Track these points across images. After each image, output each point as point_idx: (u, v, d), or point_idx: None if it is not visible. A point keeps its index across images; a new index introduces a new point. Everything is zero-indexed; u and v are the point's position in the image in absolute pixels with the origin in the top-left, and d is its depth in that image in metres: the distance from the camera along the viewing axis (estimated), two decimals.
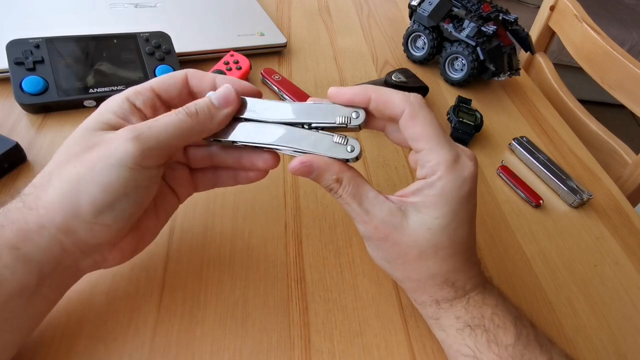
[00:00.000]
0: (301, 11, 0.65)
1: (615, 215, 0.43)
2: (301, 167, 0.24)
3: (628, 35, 1.75)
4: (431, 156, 0.23)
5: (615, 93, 0.60)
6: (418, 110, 0.24)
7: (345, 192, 0.24)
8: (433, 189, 0.23)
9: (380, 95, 0.24)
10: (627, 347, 0.32)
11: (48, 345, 0.25)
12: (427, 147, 0.24)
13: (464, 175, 0.23)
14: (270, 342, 0.27)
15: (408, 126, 0.24)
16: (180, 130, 0.23)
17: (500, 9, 0.56)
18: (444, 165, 0.23)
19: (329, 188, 0.25)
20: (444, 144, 0.24)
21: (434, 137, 0.23)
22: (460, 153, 0.24)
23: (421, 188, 0.24)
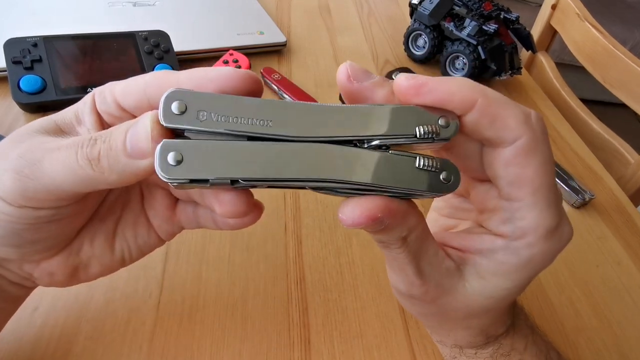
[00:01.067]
0: (301, 10, 0.65)
1: (617, 215, 0.42)
2: (367, 222, 0.15)
3: (630, 34, 1.74)
4: (530, 214, 0.16)
5: (617, 92, 0.60)
6: (541, 143, 0.16)
7: (406, 251, 0.17)
8: (515, 257, 0.17)
9: (490, 103, 0.15)
10: (630, 348, 0.31)
11: (45, 346, 0.25)
12: (529, 200, 0.16)
13: (559, 246, 0.17)
14: (269, 343, 0.27)
15: (515, 163, 0.16)
16: (77, 178, 0.16)
17: (501, 7, 0.55)
18: (542, 232, 0.16)
19: (385, 244, 0.17)
20: (552, 201, 0.16)
21: (545, 190, 0.16)
22: (564, 216, 0.17)
23: (495, 250, 0.17)
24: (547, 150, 0.16)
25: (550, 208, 0.16)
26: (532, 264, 0.17)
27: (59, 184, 0.16)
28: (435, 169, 0.15)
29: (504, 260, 0.17)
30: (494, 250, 0.17)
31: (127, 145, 0.15)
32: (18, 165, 0.16)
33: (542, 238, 0.16)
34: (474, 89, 0.16)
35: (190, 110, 0.14)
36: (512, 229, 0.17)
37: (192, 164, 0.14)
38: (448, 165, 0.16)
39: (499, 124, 0.15)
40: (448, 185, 0.15)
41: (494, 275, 0.17)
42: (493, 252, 0.17)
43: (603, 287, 0.35)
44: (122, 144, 0.15)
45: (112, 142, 0.16)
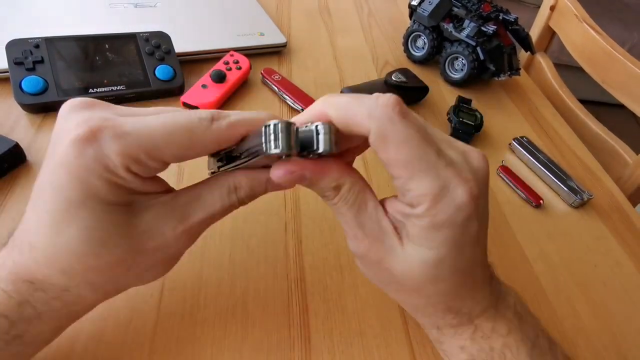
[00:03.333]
0: (301, 11, 0.65)
1: (616, 215, 0.43)
2: (286, 176, 0.19)
3: (628, 35, 1.75)
4: (412, 185, 0.18)
5: (615, 93, 0.60)
6: (388, 127, 0.18)
7: (342, 200, 0.20)
8: (421, 221, 0.19)
9: (340, 112, 0.18)
10: (628, 348, 0.31)
11: (47, 346, 0.25)
12: (404, 174, 0.18)
13: (455, 203, 0.18)
14: (270, 342, 0.27)
15: (377, 149, 0.18)
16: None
17: (500, 8, 0.56)
18: (429, 197, 0.18)
19: (322, 195, 0.21)
20: (426, 169, 0.18)
21: (416, 162, 0.18)
22: (450, 178, 0.19)
23: (408, 216, 0.19)
24: (401, 129, 0.18)
25: (427, 175, 0.18)
26: (440, 224, 0.19)
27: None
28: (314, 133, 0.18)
29: (416, 223, 0.19)
30: (408, 215, 0.20)
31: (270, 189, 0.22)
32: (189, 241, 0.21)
33: (434, 201, 0.18)
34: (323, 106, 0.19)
35: None
36: (409, 199, 0.19)
37: None
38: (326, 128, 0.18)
39: (352, 124, 0.18)
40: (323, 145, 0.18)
41: (417, 238, 0.19)
42: (408, 217, 0.20)
43: (602, 287, 0.35)
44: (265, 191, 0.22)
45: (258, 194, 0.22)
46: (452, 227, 0.19)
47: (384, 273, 0.21)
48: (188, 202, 0.20)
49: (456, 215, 0.19)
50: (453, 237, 0.19)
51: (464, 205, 0.19)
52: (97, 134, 0.18)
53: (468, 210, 0.19)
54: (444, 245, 0.19)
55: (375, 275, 0.22)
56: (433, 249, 0.19)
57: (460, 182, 0.19)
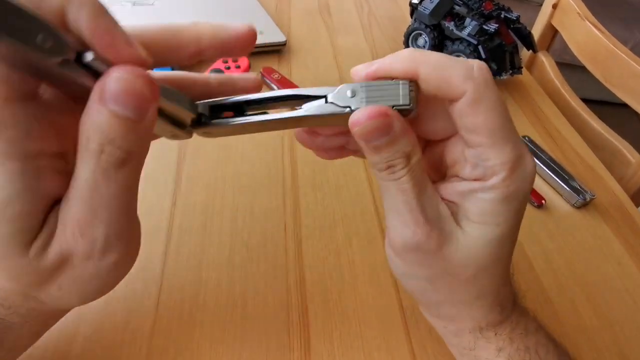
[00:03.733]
0: (301, 9, 0.65)
1: (618, 215, 0.42)
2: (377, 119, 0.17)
3: (631, 34, 1.74)
4: (492, 154, 0.18)
5: (618, 92, 0.60)
6: (484, 91, 0.17)
7: (410, 173, 0.18)
8: (493, 193, 0.18)
9: (433, 69, 0.17)
10: (630, 349, 0.31)
11: (44, 348, 0.24)
12: (489, 142, 0.18)
13: (526, 173, 0.18)
14: (269, 343, 0.27)
15: (467, 114, 0.17)
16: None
17: (502, 6, 0.55)
18: (508, 165, 0.18)
19: (389, 164, 0.18)
20: (510, 137, 0.18)
21: (499, 130, 0.18)
22: (524, 147, 0.19)
23: (475, 191, 0.19)
24: (493, 96, 0.17)
25: (508, 144, 0.18)
26: (511, 197, 0.18)
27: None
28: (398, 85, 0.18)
29: (486, 197, 0.18)
30: (473, 191, 0.19)
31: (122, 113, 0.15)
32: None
33: (509, 170, 0.18)
34: (414, 59, 0.18)
35: None
36: (483, 170, 0.18)
37: None
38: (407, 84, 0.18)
39: (444, 85, 0.17)
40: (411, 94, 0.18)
41: (481, 215, 0.19)
42: (474, 193, 0.19)
43: (604, 287, 0.35)
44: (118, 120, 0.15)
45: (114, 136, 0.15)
46: (520, 198, 0.19)
47: (437, 265, 0.20)
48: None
49: (525, 185, 0.19)
50: (518, 209, 0.19)
51: (532, 174, 0.19)
52: None
53: (533, 180, 0.19)
54: (510, 219, 0.19)
55: (425, 270, 0.20)
56: (500, 224, 0.19)
57: (528, 152, 0.19)
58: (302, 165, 0.39)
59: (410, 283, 0.22)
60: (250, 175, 0.37)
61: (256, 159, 0.39)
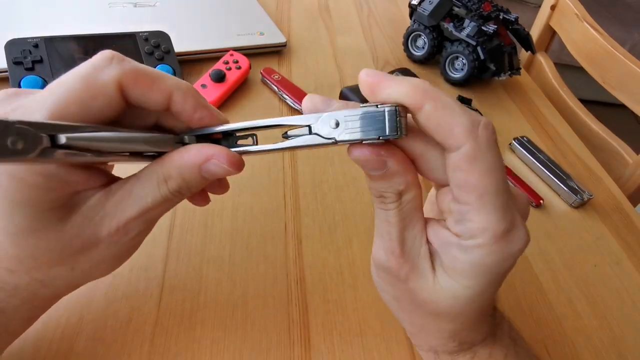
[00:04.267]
0: (301, 10, 0.65)
1: (616, 215, 0.43)
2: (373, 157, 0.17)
3: (629, 35, 1.74)
4: (477, 217, 0.17)
5: (616, 93, 0.60)
6: (484, 151, 0.16)
7: (398, 209, 0.19)
8: (467, 255, 0.18)
9: (439, 110, 0.16)
10: (628, 348, 0.31)
11: (47, 346, 0.25)
12: (476, 204, 0.17)
13: (512, 250, 0.17)
14: (270, 342, 0.27)
15: (460, 168, 0.17)
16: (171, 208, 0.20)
17: (500, 8, 0.56)
18: (490, 234, 0.17)
19: (381, 194, 0.19)
20: (500, 206, 0.17)
21: (491, 195, 0.17)
22: (516, 219, 0.18)
23: (450, 245, 0.18)
24: (493, 158, 0.17)
25: (497, 212, 0.17)
26: (487, 266, 0.18)
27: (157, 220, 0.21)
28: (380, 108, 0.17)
29: (458, 256, 0.18)
30: (449, 244, 0.18)
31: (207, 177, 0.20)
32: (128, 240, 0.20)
33: (492, 240, 0.17)
34: (424, 93, 0.16)
35: None
36: (463, 229, 0.18)
37: None
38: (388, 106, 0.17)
39: (445, 130, 0.16)
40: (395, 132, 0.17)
41: (454, 272, 0.18)
42: (449, 246, 0.18)
43: (602, 287, 0.35)
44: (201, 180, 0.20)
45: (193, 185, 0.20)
46: (497, 272, 0.18)
47: (403, 291, 0.20)
48: (119, 200, 0.19)
49: (507, 261, 0.18)
50: (494, 281, 0.18)
51: (518, 253, 0.18)
52: None
53: (517, 258, 0.18)
54: (481, 287, 0.18)
55: (394, 291, 0.21)
56: (469, 288, 0.18)
57: (522, 229, 0.18)
58: (302, 165, 0.40)
59: (382, 294, 0.23)
60: (250, 175, 0.37)
61: (256, 159, 0.39)
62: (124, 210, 0.19)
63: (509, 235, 0.17)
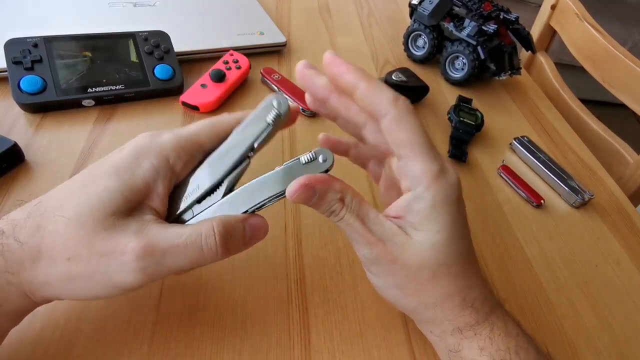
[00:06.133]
0: (301, 10, 0.65)
1: (617, 215, 0.42)
2: (302, 191, 0.22)
3: (629, 35, 1.74)
4: (415, 165, 0.22)
5: (616, 92, 0.60)
6: (405, 115, 0.22)
7: (348, 211, 0.22)
8: (422, 202, 0.22)
9: (370, 87, 0.22)
10: (629, 348, 0.31)
11: (46, 347, 0.25)
12: (411, 154, 0.22)
13: (450, 183, 0.22)
14: (270, 342, 0.27)
15: (392, 129, 0.22)
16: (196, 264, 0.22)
17: (501, 7, 0.56)
18: (429, 175, 0.22)
19: (330, 211, 0.23)
20: (429, 152, 0.22)
21: (419, 145, 0.22)
22: (445, 163, 0.22)
23: (409, 203, 0.22)
24: (414, 120, 0.22)
25: (429, 157, 0.22)
26: (439, 203, 0.22)
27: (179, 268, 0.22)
28: (314, 158, 0.23)
29: (418, 207, 0.22)
30: (409, 204, 0.22)
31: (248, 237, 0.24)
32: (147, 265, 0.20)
33: (433, 179, 0.22)
34: (361, 75, 0.22)
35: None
36: (411, 180, 0.22)
37: None
38: (322, 151, 0.23)
39: (375, 101, 0.22)
40: (325, 163, 0.23)
41: (421, 223, 0.22)
42: (409, 205, 0.22)
43: (602, 287, 0.35)
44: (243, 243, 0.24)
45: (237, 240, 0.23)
46: (450, 204, 0.22)
47: (400, 272, 0.23)
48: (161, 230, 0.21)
49: (452, 193, 0.22)
50: (452, 217, 0.22)
51: (456, 184, 0.22)
52: None
53: (459, 190, 0.23)
54: (446, 226, 0.22)
55: (393, 278, 0.23)
56: (439, 231, 0.22)
57: (450, 167, 0.23)
58: None
59: (387, 293, 0.25)
60: (250, 175, 0.37)
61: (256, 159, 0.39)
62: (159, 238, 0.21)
63: (443, 173, 0.22)
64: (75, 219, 0.20)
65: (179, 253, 0.21)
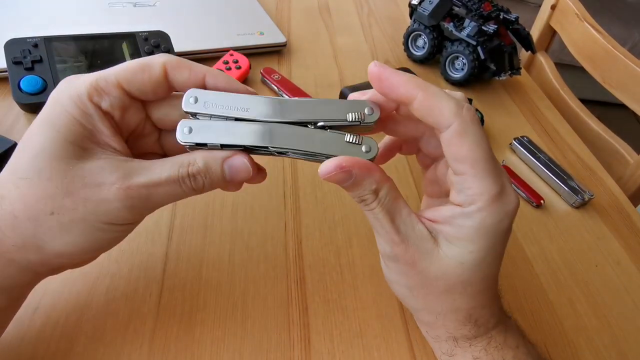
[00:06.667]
0: (301, 10, 0.65)
1: (617, 215, 0.42)
2: (338, 172, 0.20)
3: (629, 35, 1.74)
4: (474, 184, 0.20)
5: (616, 92, 0.60)
6: (469, 127, 0.20)
7: (379, 205, 0.21)
8: (470, 221, 0.20)
9: (429, 97, 0.20)
10: (629, 348, 0.31)
11: (46, 346, 0.25)
12: (471, 172, 0.20)
13: (507, 209, 0.20)
14: (270, 342, 0.27)
15: (453, 143, 0.20)
16: (181, 197, 0.21)
17: (501, 7, 0.56)
18: (486, 197, 0.20)
19: (361, 199, 0.21)
20: (491, 171, 0.20)
21: (481, 162, 0.20)
22: (506, 183, 0.21)
23: (455, 216, 0.21)
24: (478, 132, 0.20)
25: (490, 177, 0.20)
26: (487, 227, 0.20)
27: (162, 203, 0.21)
28: (359, 142, 0.21)
29: (462, 224, 0.21)
30: (453, 216, 0.21)
31: (228, 176, 0.21)
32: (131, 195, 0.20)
33: (489, 202, 0.20)
34: (417, 84, 0.20)
35: (199, 101, 0.21)
36: (464, 197, 0.21)
37: (198, 134, 0.21)
38: (369, 141, 0.21)
39: (436, 112, 0.20)
40: (368, 153, 0.21)
41: (458, 239, 0.21)
42: (453, 218, 0.21)
43: (603, 287, 0.35)
44: (222, 176, 0.21)
45: (214, 176, 0.21)
46: (498, 232, 0.21)
47: (415, 276, 0.22)
48: (137, 167, 0.20)
49: (505, 220, 0.21)
50: (494, 242, 0.21)
51: (512, 212, 0.21)
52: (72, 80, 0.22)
53: (513, 218, 0.21)
54: (484, 250, 0.21)
55: (406, 279, 0.23)
56: (474, 252, 0.21)
57: (512, 192, 0.21)
58: (302, 165, 0.39)
59: (395, 288, 0.25)
60: None
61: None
62: (136, 175, 0.20)
63: (502, 197, 0.20)
64: (37, 176, 0.19)
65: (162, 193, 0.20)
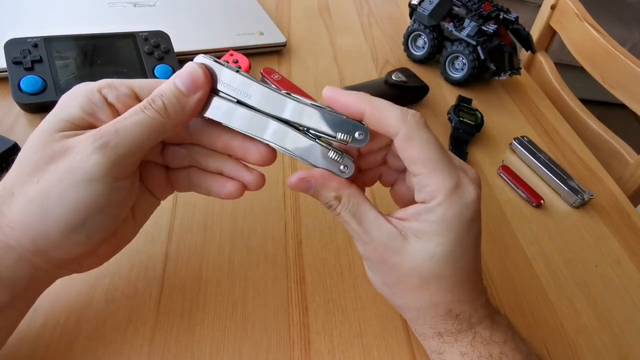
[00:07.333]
0: (301, 10, 0.65)
1: (617, 215, 0.42)
2: (299, 182, 0.23)
3: (629, 35, 1.74)
4: (429, 181, 0.22)
5: (616, 92, 0.60)
6: (415, 130, 0.21)
7: (344, 210, 0.23)
8: (433, 215, 0.22)
9: (374, 110, 0.22)
10: (629, 348, 0.31)
11: (46, 346, 0.25)
12: (424, 171, 0.22)
13: (466, 200, 0.22)
14: (269, 342, 0.27)
15: (404, 148, 0.22)
16: (151, 129, 0.21)
17: (501, 7, 0.56)
18: (444, 191, 0.21)
19: (327, 205, 0.23)
20: (444, 167, 0.22)
21: (433, 161, 0.21)
22: (462, 177, 0.22)
23: (420, 212, 0.22)
24: (425, 134, 0.22)
25: (443, 173, 0.22)
26: (449, 219, 0.22)
27: (137, 142, 0.20)
28: (339, 160, 0.23)
29: (427, 218, 0.22)
30: (418, 212, 0.22)
31: (180, 85, 0.21)
32: (102, 139, 0.20)
33: (447, 196, 0.21)
34: (363, 100, 0.22)
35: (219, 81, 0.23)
36: (424, 195, 0.22)
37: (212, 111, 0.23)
38: (348, 161, 0.23)
39: (384, 123, 0.22)
40: (343, 173, 0.23)
41: (425, 234, 0.22)
42: (418, 214, 0.22)
43: (602, 287, 0.35)
44: (177, 89, 0.21)
45: (168, 91, 0.21)
46: (461, 223, 0.22)
47: (391, 273, 0.23)
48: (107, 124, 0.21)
49: (465, 211, 0.22)
50: (460, 234, 0.22)
51: (472, 203, 0.22)
52: None
53: (475, 208, 0.22)
54: (451, 242, 0.22)
55: (383, 277, 0.24)
56: (441, 244, 0.22)
57: (470, 183, 0.22)
58: (302, 165, 0.39)
59: (377, 287, 0.26)
60: None
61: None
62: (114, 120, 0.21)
63: (458, 190, 0.22)
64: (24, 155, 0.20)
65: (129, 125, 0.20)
